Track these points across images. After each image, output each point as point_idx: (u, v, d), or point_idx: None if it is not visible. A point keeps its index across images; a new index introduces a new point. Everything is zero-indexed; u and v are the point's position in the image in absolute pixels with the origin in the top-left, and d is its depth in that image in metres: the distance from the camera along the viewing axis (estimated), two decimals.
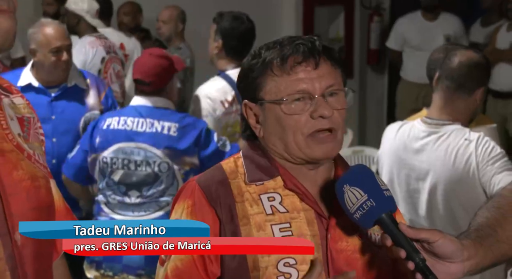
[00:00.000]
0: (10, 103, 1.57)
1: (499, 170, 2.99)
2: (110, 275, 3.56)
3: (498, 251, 1.85)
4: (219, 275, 1.77)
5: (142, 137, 3.54)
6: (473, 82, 3.11)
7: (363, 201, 1.69)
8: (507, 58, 6.83)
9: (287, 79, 1.78)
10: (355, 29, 8.61)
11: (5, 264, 1.44)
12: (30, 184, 1.51)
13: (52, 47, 3.74)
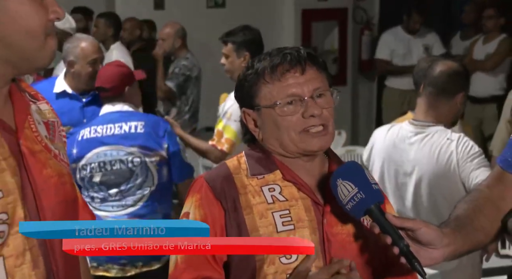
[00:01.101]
0: (37, 109, 1.56)
1: (476, 166, 3.00)
2: (95, 266, 3.48)
3: (474, 239, 1.85)
4: (226, 260, 1.77)
5: (113, 139, 3.47)
6: (453, 88, 3.12)
7: (354, 193, 1.70)
8: (483, 67, 6.81)
9: (278, 86, 1.79)
10: (348, 42, 8.59)
11: (38, 250, 1.44)
12: (57, 180, 1.50)
13: (90, 59, 3.75)
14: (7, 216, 1.38)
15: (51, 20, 1.43)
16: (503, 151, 1.93)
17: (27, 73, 1.54)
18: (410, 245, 1.69)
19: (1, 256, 1.38)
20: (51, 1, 1.43)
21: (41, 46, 1.43)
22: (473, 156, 3.03)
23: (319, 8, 8.23)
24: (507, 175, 1.89)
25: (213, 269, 1.76)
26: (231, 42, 3.95)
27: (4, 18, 1.38)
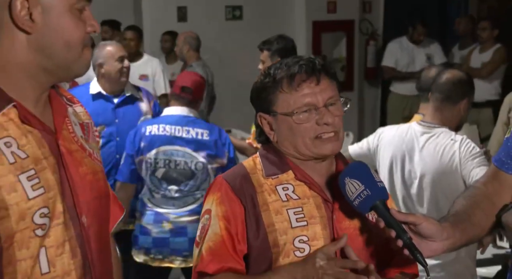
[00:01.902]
0: (73, 112, 1.56)
1: (477, 165, 2.99)
2: (160, 258, 3.54)
3: (471, 232, 1.85)
4: (246, 252, 1.77)
5: (181, 141, 3.51)
6: (458, 95, 3.13)
7: (361, 190, 1.70)
8: (479, 75, 6.78)
9: (295, 95, 1.77)
10: (354, 51, 8.56)
11: (75, 241, 1.44)
12: (92, 177, 1.51)
13: (117, 57, 3.77)
14: (48, 210, 1.39)
15: (88, 33, 1.44)
16: (498, 151, 1.93)
17: (65, 81, 1.55)
18: (412, 238, 1.69)
19: (43, 247, 1.39)
20: (89, 15, 1.44)
21: (79, 56, 1.44)
22: (475, 155, 3.02)
23: (328, 20, 8.22)
24: (501, 173, 1.88)
25: (235, 261, 1.76)
26: (267, 49, 3.98)
27: (46, 30, 1.39)
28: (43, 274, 1.39)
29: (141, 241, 3.56)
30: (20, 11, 1.36)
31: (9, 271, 1.36)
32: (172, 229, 3.52)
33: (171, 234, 3.52)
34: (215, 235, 1.76)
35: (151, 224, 3.54)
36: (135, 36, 5.95)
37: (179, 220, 3.52)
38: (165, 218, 3.53)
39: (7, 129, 1.37)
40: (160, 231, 3.53)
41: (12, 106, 1.39)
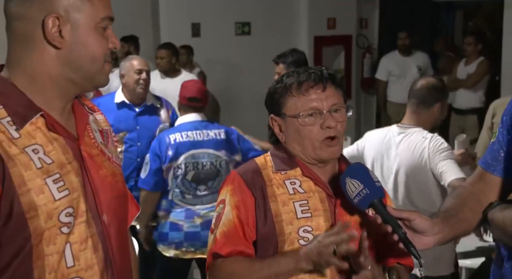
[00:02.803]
0: (94, 119, 1.56)
1: (444, 158, 3.02)
2: (192, 251, 3.53)
3: (459, 228, 1.84)
4: (254, 239, 1.77)
5: (205, 144, 3.51)
6: (431, 99, 3.17)
7: (360, 189, 1.69)
8: (465, 85, 6.79)
9: (303, 99, 1.78)
10: (352, 63, 8.57)
11: (97, 237, 1.44)
12: (112, 179, 1.50)
13: (136, 69, 3.76)
14: (73, 210, 1.39)
15: (109, 49, 1.45)
16: (484, 154, 1.92)
17: (88, 91, 1.55)
18: (407, 233, 1.68)
19: (68, 243, 1.38)
20: (111, 33, 1.45)
21: (101, 69, 1.44)
22: (442, 150, 3.04)
23: (329, 35, 8.23)
24: (487, 175, 1.87)
25: (245, 246, 1.76)
26: (282, 62, 3.92)
27: (74, 46, 1.40)
28: (68, 267, 1.39)
29: (172, 237, 3.53)
30: (51, 28, 1.37)
31: (38, 265, 1.35)
32: (203, 223, 3.51)
33: (201, 227, 3.51)
34: (229, 221, 1.77)
35: (183, 220, 3.53)
36: (166, 54, 5.76)
37: (209, 214, 3.49)
38: (196, 213, 3.53)
39: (35, 137, 1.38)
40: (191, 225, 3.52)
41: (40, 116, 1.39)
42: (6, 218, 1.31)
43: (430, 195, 3.09)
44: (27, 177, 1.33)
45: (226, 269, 1.75)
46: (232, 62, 7.39)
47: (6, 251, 1.33)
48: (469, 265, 3.85)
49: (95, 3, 1.40)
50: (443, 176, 2.98)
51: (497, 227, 1.75)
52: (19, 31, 1.39)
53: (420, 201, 3.08)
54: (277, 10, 7.86)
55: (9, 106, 1.37)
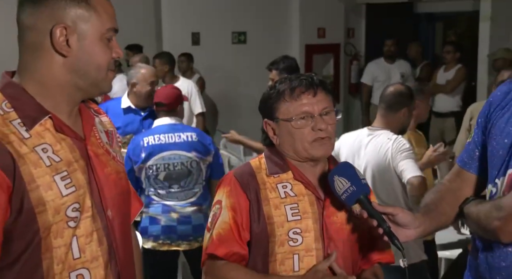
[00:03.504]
0: (99, 121, 1.56)
1: (404, 158, 3.02)
2: (168, 243, 3.48)
3: (438, 221, 1.84)
4: (248, 239, 1.76)
5: (175, 146, 3.44)
6: (398, 105, 3.18)
7: (348, 187, 1.69)
8: (444, 90, 6.80)
9: (295, 104, 1.76)
10: (340, 70, 8.59)
11: (102, 231, 1.43)
12: (116, 176, 1.50)
13: (149, 81, 3.75)
14: (79, 205, 1.38)
15: (113, 58, 1.44)
16: (461, 153, 1.92)
17: (92, 97, 1.55)
18: (391, 226, 1.68)
19: (75, 236, 1.38)
20: (115, 44, 1.44)
21: (105, 77, 1.44)
22: (403, 150, 3.04)
23: (319, 43, 8.24)
24: (464, 172, 1.87)
25: (240, 246, 1.75)
26: (275, 69, 3.92)
27: (80, 55, 1.39)
28: (75, 259, 1.38)
29: (150, 230, 3.50)
30: (59, 37, 1.36)
31: (47, 256, 1.35)
32: (179, 218, 3.47)
33: (178, 222, 3.47)
34: (225, 223, 1.75)
35: (160, 215, 3.49)
36: (159, 63, 5.75)
37: (184, 210, 3.48)
38: (172, 209, 3.48)
39: (44, 137, 1.37)
40: (168, 220, 3.48)
41: (48, 118, 1.39)
42: (17, 213, 1.31)
43: (394, 191, 3.10)
44: (36, 174, 1.33)
45: (224, 274, 1.74)
46: (229, 68, 7.39)
47: (17, 244, 1.33)
48: (448, 255, 3.86)
49: (101, 15, 1.39)
50: (402, 174, 3.00)
51: (472, 220, 1.75)
52: (29, 40, 1.39)
53: (385, 196, 3.09)
54: (271, 20, 7.87)
55: (20, 109, 1.36)
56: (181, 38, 7.23)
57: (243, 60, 7.44)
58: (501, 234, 1.61)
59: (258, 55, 6.97)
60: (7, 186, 1.29)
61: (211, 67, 7.21)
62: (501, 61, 6.21)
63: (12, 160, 1.30)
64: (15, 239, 1.32)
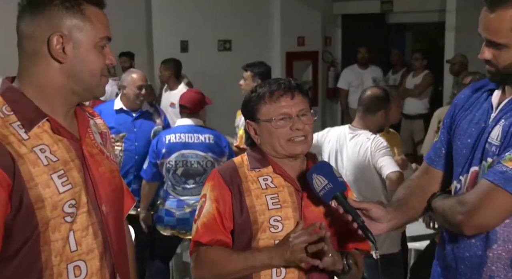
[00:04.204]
0: (94, 123, 1.55)
1: (382, 155, 3.05)
2: (184, 232, 3.62)
3: (409, 215, 1.85)
4: (232, 228, 1.76)
5: (194, 146, 3.54)
6: (375, 107, 3.19)
7: (325, 184, 1.69)
8: (412, 94, 6.85)
9: (274, 106, 1.77)
10: (318, 75, 8.60)
11: (97, 225, 1.43)
12: (109, 175, 1.49)
13: (137, 85, 3.72)
14: (75, 202, 1.38)
15: (106, 65, 1.43)
16: (429, 151, 1.93)
17: (87, 100, 1.53)
18: (365, 221, 1.68)
19: (71, 230, 1.37)
20: (108, 51, 1.43)
21: (99, 82, 1.43)
22: (381, 148, 3.06)
23: (298, 51, 8.25)
24: (431, 169, 1.89)
25: (224, 234, 1.75)
26: (250, 70, 4.02)
27: (75, 61, 1.38)
28: (72, 251, 1.37)
29: (167, 221, 3.63)
30: (55, 45, 1.35)
31: (45, 249, 1.34)
32: (192, 211, 3.58)
33: (190, 215, 3.57)
34: (209, 213, 1.75)
35: (175, 209, 3.62)
36: (164, 68, 5.88)
37: (196, 204, 3.51)
38: (185, 203, 3.60)
39: (42, 138, 1.36)
40: (182, 213, 3.60)
41: (46, 120, 1.38)
42: (16, 209, 1.30)
43: (375, 186, 3.12)
44: (35, 173, 1.32)
45: (208, 256, 1.74)
46: (215, 74, 7.37)
47: (18, 238, 1.32)
48: (417, 247, 3.89)
49: (95, 24, 1.39)
50: (382, 170, 3.02)
51: (438, 214, 1.76)
52: (28, 47, 1.38)
53: (366, 191, 3.10)
54: (254, 29, 7.86)
55: (19, 112, 1.35)
56: (170, 45, 7.20)
57: (228, 66, 7.42)
58: (464, 228, 1.63)
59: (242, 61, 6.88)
60: (7, 184, 1.29)
61: (198, 72, 7.19)
62: (458, 65, 6.32)
63: (12, 160, 1.29)
64: (16, 233, 1.31)
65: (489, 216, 1.58)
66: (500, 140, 1.61)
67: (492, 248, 1.64)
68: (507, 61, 1.58)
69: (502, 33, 1.56)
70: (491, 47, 1.60)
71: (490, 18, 1.57)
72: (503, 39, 1.56)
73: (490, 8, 1.57)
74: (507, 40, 1.56)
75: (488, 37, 1.59)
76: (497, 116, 1.66)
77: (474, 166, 1.69)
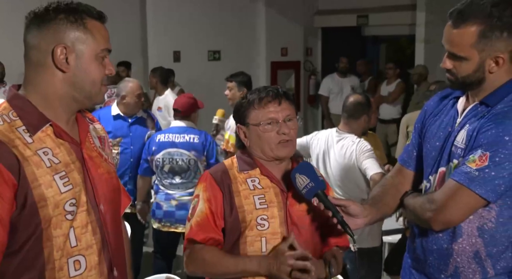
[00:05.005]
0: (93, 128, 1.55)
1: (367, 157, 3.05)
2: (168, 225, 3.63)
3: (383, 211, 1.86)
4: (223, 226, 1.76)
5: (180, 145, 3.57)
6: (358, 113, 3.19)
7: (307, 183, 1.69)
8: (387, 100, 6.90)
9: (262, 111, 1.77)
10: (300, 83, 8.62)
11: (96, 223, 1.42)
12: (107, 176, 1.49)
13: (136, 94, 3.73)
14: (75, 201, 1.37)
15: (106, 75, 1.43)
16: (401, 153, 1.94)
17: (87, 107, 1.52)
18: (344, 216, 1.69)
19: (72, 227, 1.37)
20: (108, 62, 1.43)
21: (99, 90, 1.43)
22: (365, 151, 3.07)
23: (282, 61, 8.28)
24: (403, 169, 1.90)
25: (216, 232, 1.74)
26: (234, 81, 4.05)
27: (77, 71, 1.38)
28: (72, 247, 1.37)
29: (157, 213, 3.66)
30: (59, 55, 1.35)
31: (48, 245, 1.33)
32: (177, 204, 3.59)
33: (176, 208, 3.59)
34: (202, 213, 1.74)
35: (163, 201, 3.64)
36: (152, 76, 5.96)
37: (182, 198, 3.60)
38: (172, 197, 3.61)
39: (45, 142, 1.36)
40: (169, 206, 3.62)
41: (49, 125, 1.38)
42: (21, 207, 1.30)
43: (359, 186, 3.12)
44: (38, 174, 1.31)
45: (201, 255, 1.73)
46: (206, 82, 7.36)
47: (22, 234, 1.31)
48: (390, 240, 3.91)
49: (96, 37, 1.38)
50: (366, 171, 3.03)
51: (409, 211, 1.77)
52: (34, 58, 1.37)
53: (351, 191, 3.11)
54: (241, 41, 7.87)
55: (24, 118, 1.35)
56: (164, 55, 7.19)
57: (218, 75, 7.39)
58: (433, 223, 1.64)
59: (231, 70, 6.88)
60: (12, 184, 1.28)
61: (190, 80, 7.18)
62: (417, 76, 6.45)
63: (17, 162, 1.29)
64: (20, 230, 1.31)
65: (455, 213, 1.60)
66: (465, 143, 1.63)
67: (458, 242, 1.66)
68: (466, 72, 1.61)
69: (463, 48, 1.58)
70: (452, 58, 1.62)
71: (453, 33, 1.59)
72: (463, 53, 1.58)
73: (453, 24, 1.59)
74: (467, 54, 1.58)
75: (450, 50, 1.62)
76: (462, 121, 1.68)
77: (442, 167, 1.70)
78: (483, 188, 1.54)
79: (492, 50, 1.56)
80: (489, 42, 1.55)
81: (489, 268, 1.65)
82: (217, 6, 7.54)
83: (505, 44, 1.56)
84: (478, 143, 1.56)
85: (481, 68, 1.59)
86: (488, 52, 1.57)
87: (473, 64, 1.59)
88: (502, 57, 1.58)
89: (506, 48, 1.57)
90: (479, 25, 1.55)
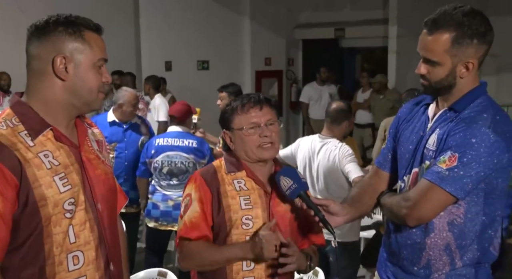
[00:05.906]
0: (91, 132, 1.54)
1: (349, 161, 3.05)
2: (165, 224, 3.59)
3: (361, 210, 1.86)
4: (212, 224, 1.74)
5: (179, 148, 3.54)
6: (340, 119, 3.18)
7: (291, 184, 1.68)
8: (362, 107, 6.94)
9: (245, 116, 1.76)
10: (283, 91, 8.64)
11: (93, 221, 1.41)
12: (105, 177, 1.47)
13: (133, 103, 3.71)
14: (74, 200, 1.36)
15: (103, 82, 1.42)
16: (378, 156, 1.95)
17: (85, 113, 1.50)
18: (325, 215, 1.69)
19: (71, 225, 1.36)
20: (105, 70, 1.42)
21: (96, 97, 1.42)
22: (347, 155, 3.07)
23: (266, 70, 8.30)
24: (380, 171, 1.90)
25: (208, 230, 1.73)
26: (225, 91, 4.03)
27: (76, 79, 1.37)
28: (71, 243, 1.36)
29: (152, 213, 3.61)
30: (59, 65, 1.34)
31: (48, 241, 1.32)
32: (174, 205, 3.55)
33: (173, 208, 3.55)
34: (196, 212, 1.73)
35: (160, 202, 3.59)
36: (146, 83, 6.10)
37: (179, 199, 3.56)
38: (169, 197, 3.57)
39: (46, 145, 1.35)
40: (166, 206, 3.57)
41: (50, 130, 1.37)
42: (23, 206, 1.29)
43: (343, 188, 3.11)
44: (39, 175, 1.31)
45: (193, 249, 1.72)
46: (195, 89, 7.35)
47: (24, 231, 1.30)
48: (366, 235, 3.93)
49: (94, 48, 1.38)
50: (348, 174, 3.03)
51: (386, 209, 1.78)
52: (35, 67, 1.36)
53: (335, 193, 3.10)
54: (228, 51, 7.88)
55: (26, 123, 1.35)
56: (156, 65, 7.17)
57: (206, 83, 7.41)
58: (407, 220, 1.65)
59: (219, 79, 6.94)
60: (15, 184, 1.28)
61: (181, 88, 7.15)
62: (378, 84, 6.54)
63: (19, 164, 1.29)
64: (22, 227, 1.30)
65: (427, 210, 1.61)
66: (436, 146, 1.64)
67: (430, 236, 1.67)
68: (439, 76, 1.63)
69: (437, 53, 1.60)
70: (426, 63, 1.64)
71: (428, 39, 1.61)
72: (437, 58, 1.61)
73: (428, 31, 1.61)
74: (440, 59, 1.60)
75: (425, 55, 1.64)
76: (433, 126, 1.69)
77: (415, 168, 1.71)
78: (453, 186, 1.55)
79: (463, 56, 1.59)
80: (461, 48, 1.58)
81: (457, 260, 1.67)
82: (205, 19, 7.55)
83: (475, 51, 1.59)
84: (448, 145, 1.58)
85: (452, 73, 1.62)
86: (460, 58, 1.60)
87: (446, 69, 1.61)
88: (472, 62, 1.61)
89: (475, 54, 1.60)
90: (451, 32, 1.57)
